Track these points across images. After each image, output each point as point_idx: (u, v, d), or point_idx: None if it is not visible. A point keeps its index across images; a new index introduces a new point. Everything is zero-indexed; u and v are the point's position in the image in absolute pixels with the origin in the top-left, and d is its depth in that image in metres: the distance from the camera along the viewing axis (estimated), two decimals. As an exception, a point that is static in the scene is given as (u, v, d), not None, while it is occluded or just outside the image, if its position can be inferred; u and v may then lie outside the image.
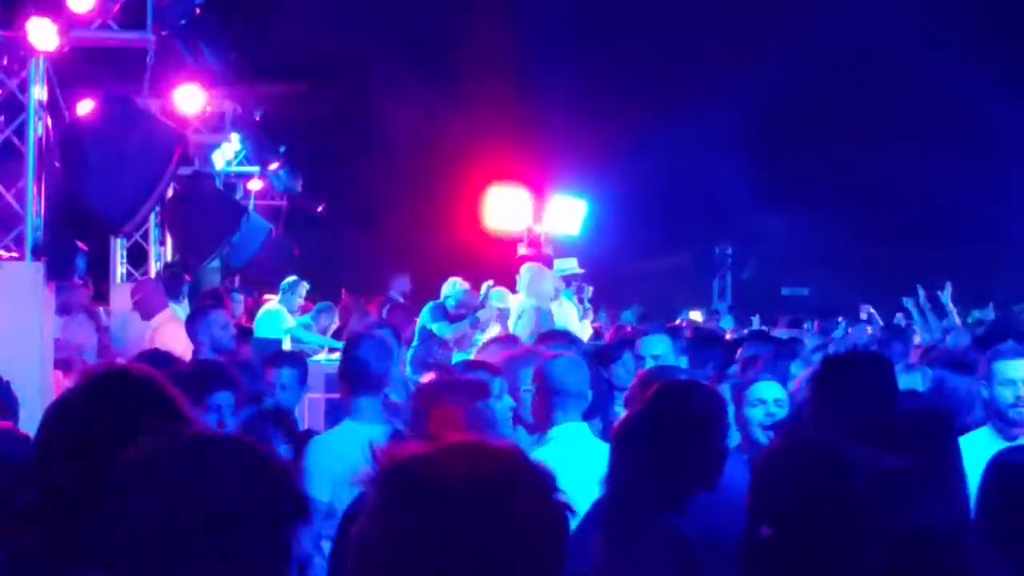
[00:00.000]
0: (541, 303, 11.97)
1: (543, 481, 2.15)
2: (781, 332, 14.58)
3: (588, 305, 15.23)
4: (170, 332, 10.42)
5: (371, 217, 24.86)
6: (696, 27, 29.87)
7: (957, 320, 10.62)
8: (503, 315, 12.65)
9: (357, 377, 6.26)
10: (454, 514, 2.03)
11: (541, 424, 5.97)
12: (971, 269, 24.81)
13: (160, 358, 6.99)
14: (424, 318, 13.49)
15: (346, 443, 5.68)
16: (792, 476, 3.42)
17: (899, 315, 16.22)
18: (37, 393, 8.00)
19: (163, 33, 10.83)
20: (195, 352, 8.88)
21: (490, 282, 13.45)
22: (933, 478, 4.09)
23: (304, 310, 16.22)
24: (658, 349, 8.12)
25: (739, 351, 9.21)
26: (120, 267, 13.49)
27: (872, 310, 17.02)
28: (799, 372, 7.05)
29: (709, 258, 27.14)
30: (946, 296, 10.34)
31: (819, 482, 3.36)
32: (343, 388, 6.54)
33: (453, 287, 13.61)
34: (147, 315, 11.51)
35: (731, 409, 5.42)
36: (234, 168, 16.29)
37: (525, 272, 12.48)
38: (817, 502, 3.32)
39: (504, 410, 5.74)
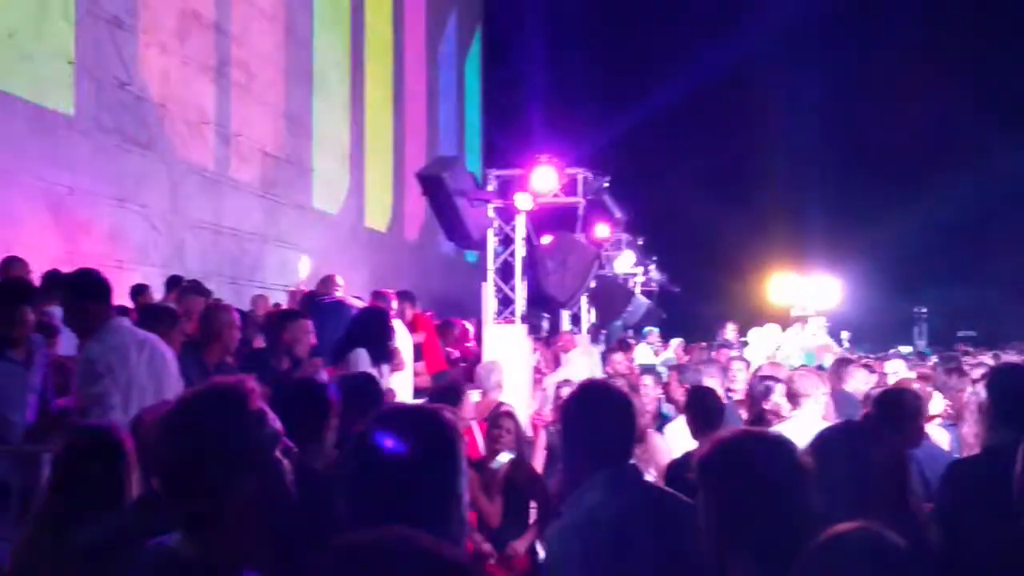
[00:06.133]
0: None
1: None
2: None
3: None
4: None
5: (708, 295, 23.39)
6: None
7: None
8: None
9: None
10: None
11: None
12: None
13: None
14: None
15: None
16: None
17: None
18: (524, 399, 8.18)
19: (588, 198, 11.09)
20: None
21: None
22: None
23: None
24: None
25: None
26: (566, 326, 13.71)
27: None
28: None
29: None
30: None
31: None
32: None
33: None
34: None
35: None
36: (628, 270, 16.26)
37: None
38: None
39: None
